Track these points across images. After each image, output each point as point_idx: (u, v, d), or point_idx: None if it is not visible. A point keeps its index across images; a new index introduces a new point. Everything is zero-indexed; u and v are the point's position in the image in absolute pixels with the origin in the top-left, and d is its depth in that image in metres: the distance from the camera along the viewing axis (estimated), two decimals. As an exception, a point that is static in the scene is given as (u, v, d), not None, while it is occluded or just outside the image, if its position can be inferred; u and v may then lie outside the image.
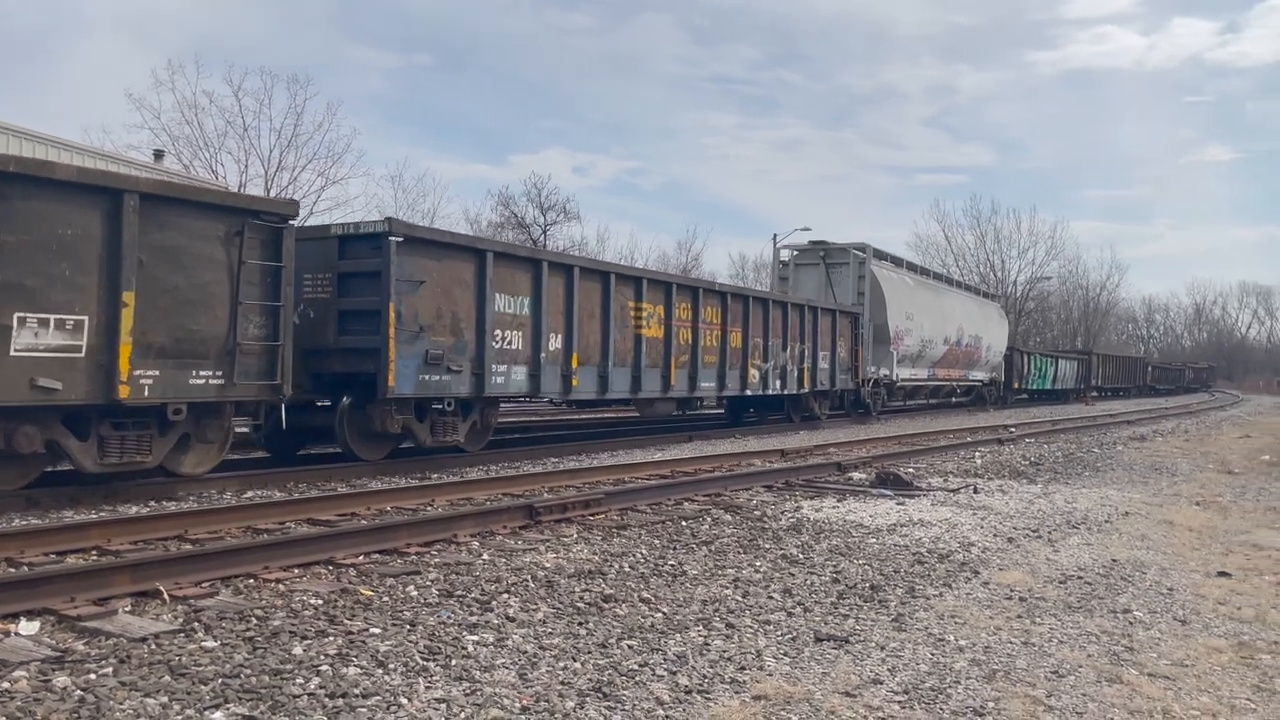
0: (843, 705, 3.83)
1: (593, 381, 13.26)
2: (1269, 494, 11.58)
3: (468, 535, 6.75)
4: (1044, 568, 6.68)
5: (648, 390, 14.44)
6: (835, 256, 24.85)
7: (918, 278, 28.64)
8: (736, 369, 16.95)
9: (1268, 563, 7.28)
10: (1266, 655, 4.92)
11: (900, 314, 24.82)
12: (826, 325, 20.74)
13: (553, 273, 12.48)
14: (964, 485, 10.88)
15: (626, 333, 13.91)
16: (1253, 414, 35.89)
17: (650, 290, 14.54)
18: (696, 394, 15.84)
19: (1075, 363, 45.67)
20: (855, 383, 22.28)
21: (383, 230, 10.27)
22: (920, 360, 26.73)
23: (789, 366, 18.95)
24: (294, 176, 36.75)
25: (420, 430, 10.92)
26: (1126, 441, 18.83)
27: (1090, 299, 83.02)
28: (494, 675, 3.96)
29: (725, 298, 16.81)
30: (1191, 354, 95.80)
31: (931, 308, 27.51)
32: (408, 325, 10.29)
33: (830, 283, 24.42)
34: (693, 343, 15.57)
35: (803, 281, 24.96)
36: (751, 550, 6.86)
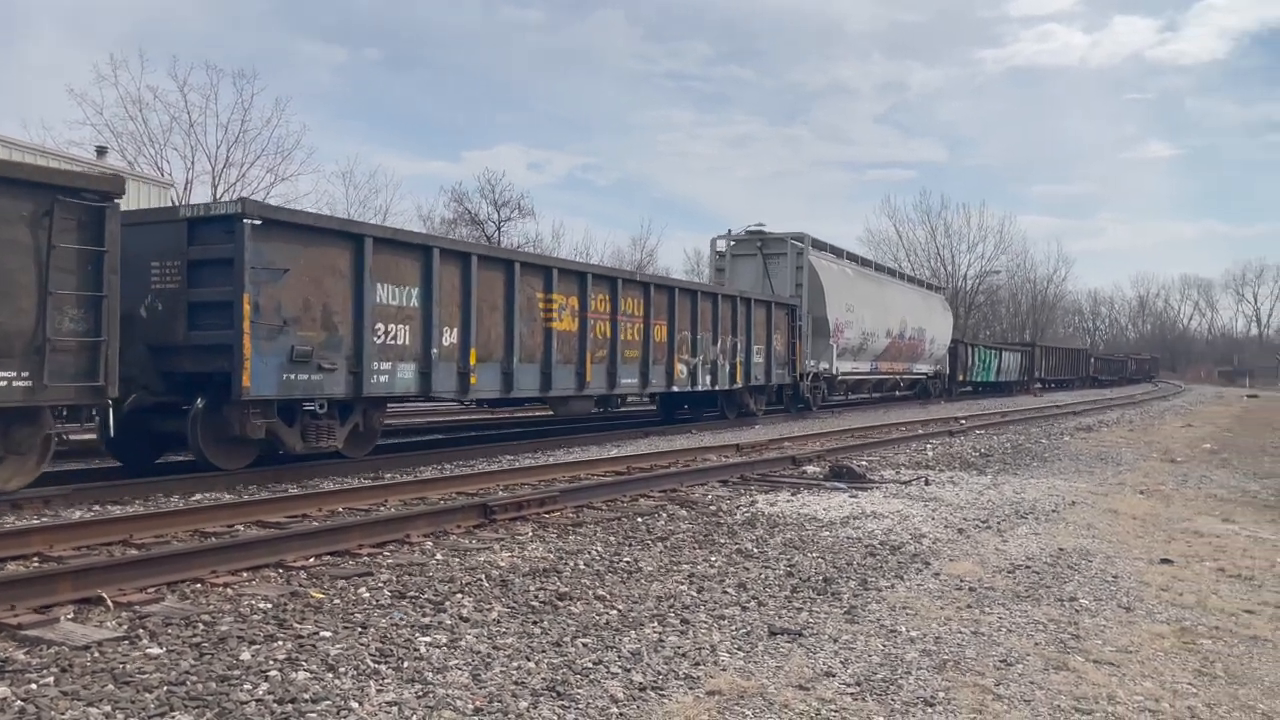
0: (796, 698, 3.86)
1: (495, 379, 12.24)
2: (1210, 482, 11.89)
3: (421, 535, 6.69)
4: (993, 558, 6.78)
5: (560, 388, 13.46)
6: (772, 247, 23.94)
7: (859, 269, 27.90)
8: (661, 364, 16.01)
9: (1208, 549, 7.47)
10: (1207, 640, 5.05)
11: (840, 306, 24.17)
12: (761, 318, 19.87)
13: (446, 261, 11.38)
14: (916, 477, 11.01)
15: (535, 326, 12.94)
16: (1194, 403, 36.81)
17: (562, 281, 13.50)
18: (617, 391, 14.97)
19: (1019, 355, 45.53)
20: (793, 377, 21.47)
21: (235, 212, 9.13)
22: (862, 354, 26.23)
23: (720, 361, 18.10)
24: (242, 173, 36.22)
25: (289, 435, 9.80)
26: (1073, 432, 19.21)
27: (1038, 292, 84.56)
28: (447, 677, 3.93)
29: (648, 289, 15.77)
30: (1136, 345, 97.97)
31: (873, 299, 26.92)
32: (268, 318, 9.20)
33: (768, 274, 23.59)
34: (611, 337, 14.57)
35: (740, 273, 24.13)
36: (707, 545, 6.88)
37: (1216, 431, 21.28)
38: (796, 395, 22.31)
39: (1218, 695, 4.23)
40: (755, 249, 24.08)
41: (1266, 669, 4.65)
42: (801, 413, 22.30)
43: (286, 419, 9.80)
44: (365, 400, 10.57)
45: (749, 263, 24.12)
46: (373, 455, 11.20)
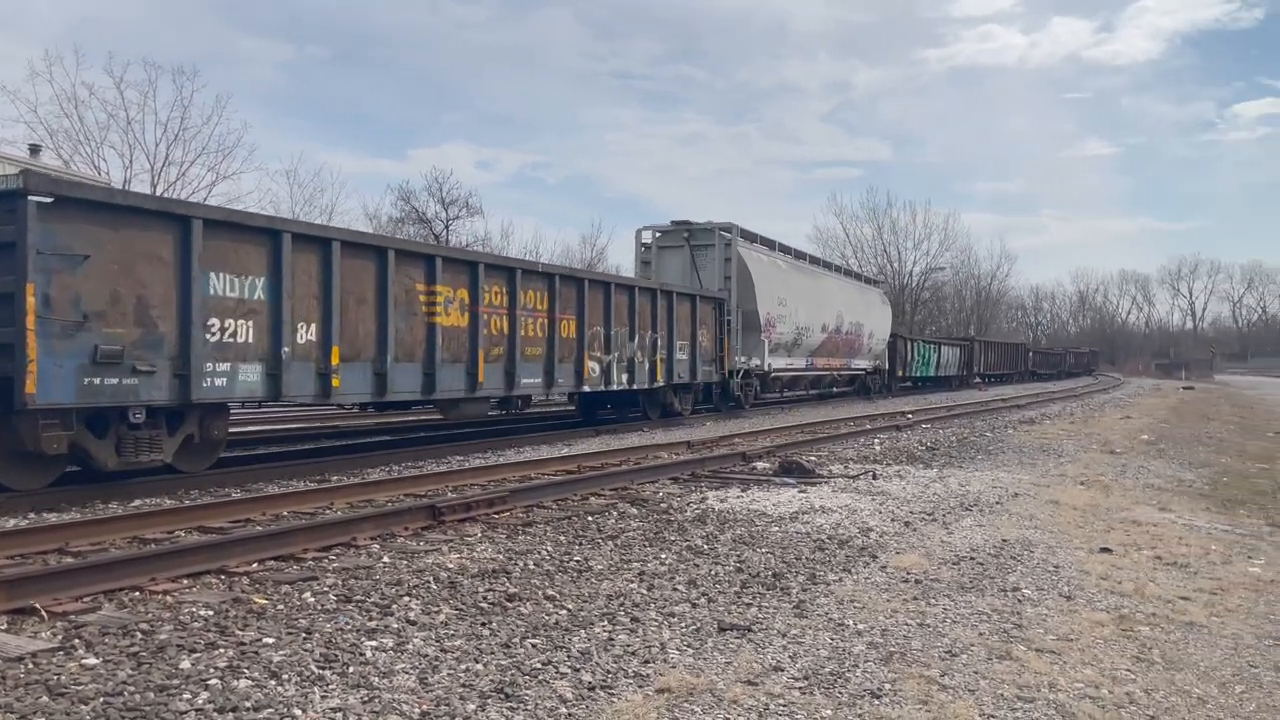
0: (744, 694, 3.87)
1: (364, 381, 10.91)
2: (1147, 472, 12.19)
3: (368, 538, 6.60)
4: (939, 550, 6.88)
5: (447, 389, 12.20)
6: (700, 238, 22.64)
7: (793, 261, 26.70)
8: (569, 363, 14.85)
9: (1146, 538, 7.66)
10: (1145, 627, 5.17)
11: (772, 299, 23.14)
12: (684, 312, 18.75)
13: (301, 248, 9.99)
14: (864, 471, 11.14)
15: (415, 321, 11.65)
16: (1133, 395, 37.73)
17: (448, 271, 12.23)
18: (517, 392, 13.72)
19: (958, 349, 45.23)
20: (721, 375, 20.52)
21: (17, 187, 7.72)
22: (797, 349, 25.32)
23: (638, 358, 16.89)
24: (182, 171, 35.45)
25: (99, 449, 8.47)
26: (1016, 425, 19.57)
27: (982, 288, 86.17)
28: (393, 681, 3.88)
29: (553, 280, 14.51)
30: (1076, 339, 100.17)
31: (808, 293, 26.03)
32: (62, 313, 7.88)
33: (696, 267, 22.34)
34: (509, 333, 13.37)
35: (666, 265, 22.81)
36: (657, 543, 6.89)
37: (1154, 423, 21.84)
38: (726, 393, 21.37)
39: (1155, 680, 4.33)
40: (682, 241, 22.81)
41: (1201, 654, 4.78)
42: (733, 411, 21.45)
43: (96, 430, 8.52)
44: (199, 407, 9.30)
45: (676, 255, 22.90)
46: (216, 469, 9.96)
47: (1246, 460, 14.56)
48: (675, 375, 18.38)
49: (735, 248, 22.28)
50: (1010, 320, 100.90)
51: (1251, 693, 4.28)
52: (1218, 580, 6.36)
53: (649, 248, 23.46)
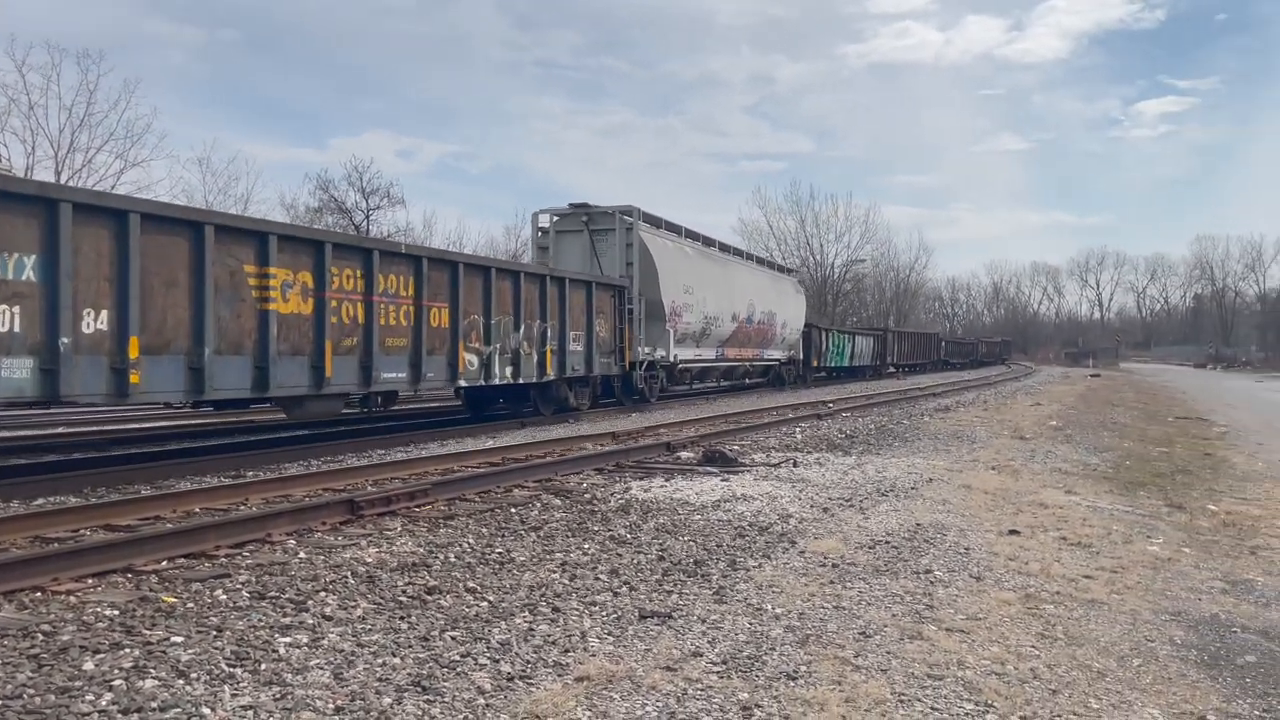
0: (663, 680, 3.91)
1: (175, 376, 9.44)
2: (1055, 456, 12.62)
3: (283, 534, 6.47)
4: (855, 534, 7.03)
5: (285, 384, 10.77)
6: (600, 221, 21.33)
7: (700, 248, 25.61)
8: (441, 355, 13.55)
9: (1052, 520, 7.93)
10: (1049, 605, 5.36)
11: (677, 287, 22.07)
12: (578, 300, 17.55)
13: (86, 221, 8.59)
14: (785, 459, 11.30)
15: (243, 308, 10.21)
16: (1044, 383, 38.99)
17: (286, 252, 10.76)
18: (376, 387, 12.38)
19: (872, 339, 45.23)
20: (621, 367, 19.37)
21: None
22: (706, 339, 24.41)
23: (524, 350, 15.63)
24: (89, 158, 34.12)
25: None
26: (932, 413, 20.07)
27: (901, 280, 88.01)
28: (307, 677, 3.81)
29: (420, 264, 13.11)
30: (991, 329, 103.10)
31: (717, 281, 25.01)
32: None
33: (596, 252, 21.12)
34: (365, 322, 12.00)
35: (565, 251, 21.53)
36: (580, 533, 6.90)
37: (1062, 410, 22.60)
38: (629, 386, 20.31)
39: (1058, 656, 4.50)
40: (581, 225, 21.48)
41: (1101, 630, 4.98)
42: (637, 405, 20.30)
43: None
44: None
45: (575, 240, 21.58)
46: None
47: (1148, 444, 15.18)
48: (569, 368, 17.26)
49: (637, 232, 21.09)
50: (928, 311, 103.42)
51: (1148, 665, 4.48)
52: (1118, 559, 6.63)
53: (546, 232, 22.08)
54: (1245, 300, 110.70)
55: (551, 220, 22.12)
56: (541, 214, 22.37)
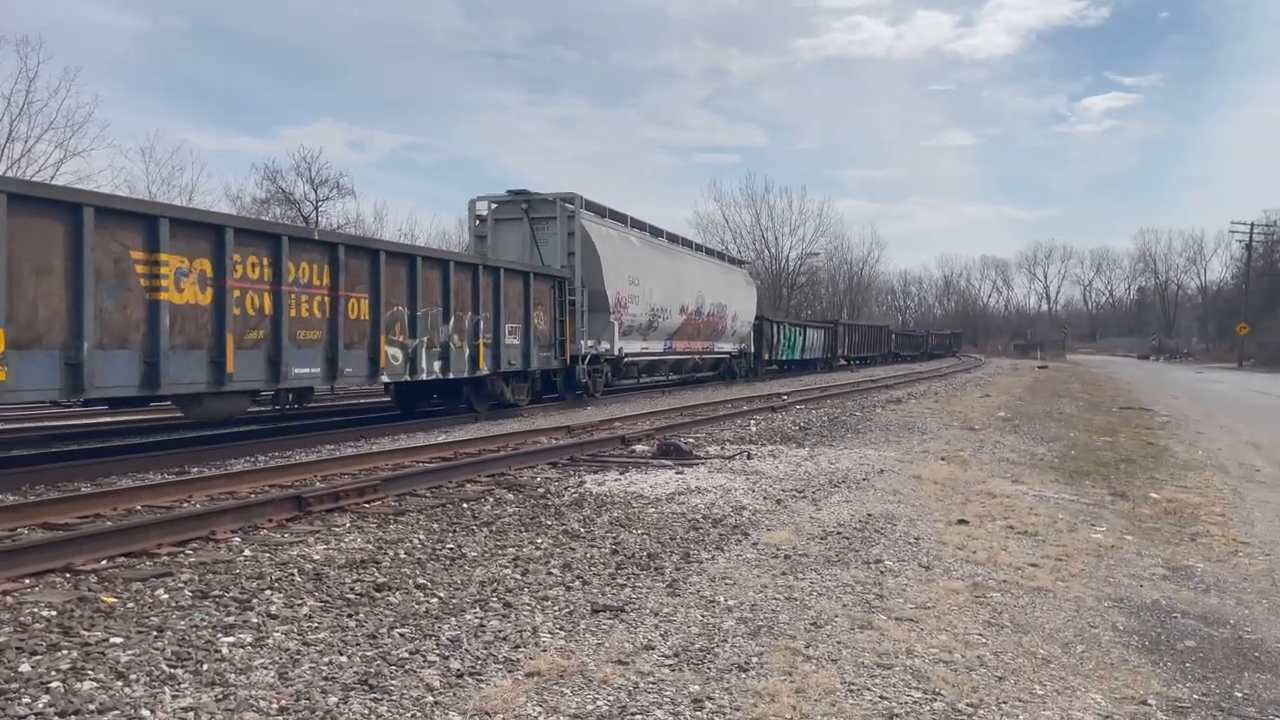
0: (615, 673, 3.89)
1: (49, 373, 8.65)
2: (1003, 447, 12.82)
3: (228, 531, 6.35)
4: (808, 526, 7.07)
5: (180, 381, 9.94)
6: (540, 209, 20.43)
7: (647, 238, 24.64)
8: (361, 349, 12.77)
9: (999, 509, 8.05)
10: (996, 593, 5.44)
11: (622, 278, 21.34)
12: (515, 291, 16.86)
13: None
14: (739, 452, 11.35)
15: (130, 298, 9.37)
16: (993, 375, 39.62)
17: (180, 238, 9.90)
18: (286, 384, 11.52)
19: (823, 332, 45.05)
20: (561, 361, 18.74)
21: None
22: (653, 332, 23.73)
23: (455, 343, 14.88)
24: (28, 148, 33.12)
25: None
26: (884, 404, 20.28)
27: (854, 273, 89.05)
28: (250, 677, 3.74)
29: (337, 251, 12.25)
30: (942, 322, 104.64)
31: (664, 272, 24.27)
32: None
33: (536, 242, 20.21)
34: (274, 313, 11.16)
35: (505, 240, 20.59)
36: (533, 528, 6.85)
37: (1010, 401, 22.98)
38: (572, 381, 19.66)
39: (1004, 643, 4.56)
40: (521, 213, 20.49)
41: (1047, 617, 5.06)
42: (580, 400, 19.76)
43: None
44: None
45: (514, 229, 20.59)
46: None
47: (1093, 434, 15.48)
48: (505, 362, 16.49)
49: (579, 220, 20.18)
50: (881, 304, 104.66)
51: (1091, 651, 4.55)
52: (1064, 547, 6.74)
53: (484, 220, 21.05)
54: (1187, 293, 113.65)
55: (490, 208, 21.08)
56: (479, 201, 21.21)
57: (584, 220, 20.40)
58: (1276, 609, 5.54)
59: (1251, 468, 12.00)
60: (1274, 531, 7.87)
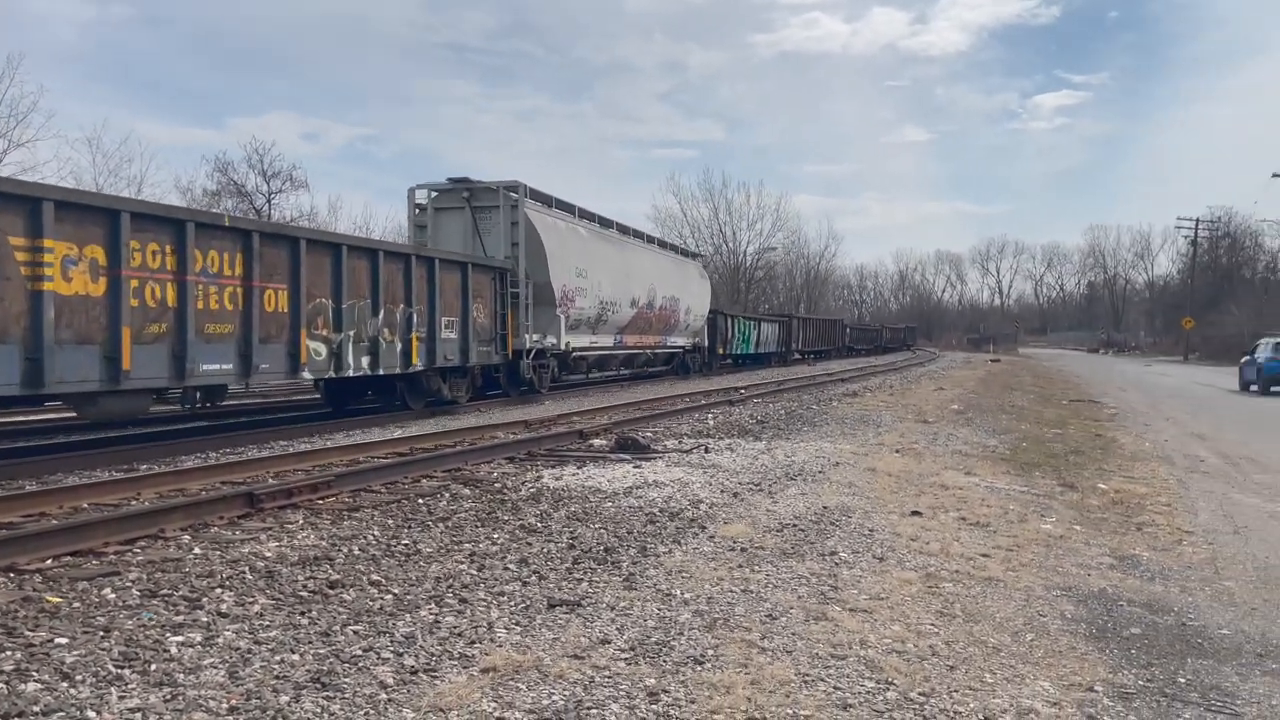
0: (571, 668, 3.89)
1: None
2: (956, 439, 13.00)
3: (178, 529, 6.23)
4: (764, 518, 7.11)
5: (69, 379, 9.18)
6: (482, 198, 19.56)
7: (595, 229, 23.83)
8: (280, 343, 12.04)
9: (952, 500, 8.17)
10: (949, 584, 5.51)
11: (568, 270, 20.68)
12: (452, 283, 16.17)
13: None
14: (697, 446, 11.39)
15: (8, 288, 8.68)
16: (946, 368, 40.16)
17: (67, 222, 9.14)
18: (193, 381, 10.78)
19: (777, 326, 44.66)
20: (504, 355, 18.13)
21: None
22: (602, 325, 23.03)
23: (385, 338, 14.17)
24: (-34, 138, 32.18)
25: None
26: (841, 398, 20.47)
27: (811, 268, 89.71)
28: (200, 677, 3.68)
29: (250, 239, 11.46)
30: (898, 316, 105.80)
31: (613, 264, 23.62)
32: None
33: (479, 232, 19.41)
34: (179, 305, 10.38)
35: (445, 230, 19.69)
36: (490, 523, 6.82)
37: (963, 394, 23.31)
38: (516, 377, 18.99)
39: (956, 633, 4.63)
40: (462, 202, 19.62)
41: (997, 606, 5.14)
42: (525, 396, 19.08)
43: None
44: None
45: (456, 219, 19.69)
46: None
47: (1043, 426, 15.76)
48: (441, 357, 15.77)
49: (523, 210, 19.38)
50: (838, 298, 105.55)
51: (1040, 640, 4.64)
52: (1014, 538, 6.86)
53: (424, 209, 20.05)
54: (1135, 288, 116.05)
55: (430, 196, 20.08)
56: (419, 189, 20.20)
57: (528, 210, 19.66)
58: (1218, 596, 5.69)
59: (1196, 458, 12.30)
60: (1217, 521, 8.08)
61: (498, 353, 17.90)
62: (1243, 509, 8.67)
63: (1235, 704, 3.95)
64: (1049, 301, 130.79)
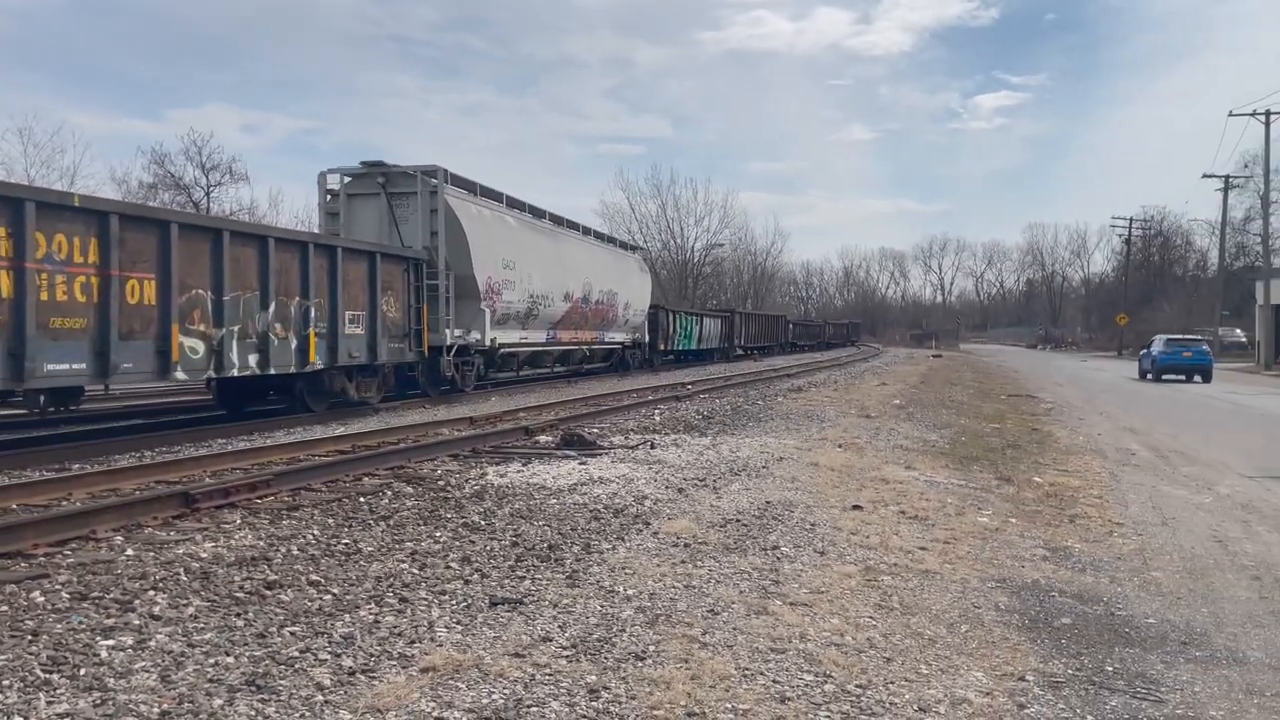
0: (511, 666, 3.88)
1: None
2: (897, 434, 13.21)
3: (110, 530, 6.09)
4: (708, 514, 7.16)
5: None
6: (399, 184, 18.28)
7: (526, 219, 22.82)
8: (146, 339, 10.84)
9: (892, 495, 8.30)
10: (887, 577, 5.61)
11: (494, 261, 19.63)
12: (358, 274, 14.99)
13: None
14: (642, 441, 11.41)
15: None
16: (889, 364, 40.73)
17: None
18: (36, 383, 9.54)
19: (719, 321, 43.78)
20: (419, 352, 16.96)
21: None
22: (533, 320, 22.11)
23: (276, 334, 13.02)
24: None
25: None
26: (786, 393, 20.66)
27: (758, 264, 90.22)
28: (131, 681, 3.60)
29: (108, 222, 10.22)
30: (842, 312, 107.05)
31: (545, 256, 22.65)
32: None
33: (395, 221, 18.12)
34: (15, 296, 9.20)
35: (360, 218, 18.34)
36: (432, 521, 6.77)
37: (905, 389, 23.67)
38: (435, 375, 17.87)
39: (893, 625, 4.71)
40: (378, 187, 18.26)
41: (934, 598, 5.24)
42: (446, 396, 18.03)
43: None
44: None
45: (371, 205, 18.33)
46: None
47: (982, 421, 16.08)
48: (345, 354, 14.59)
49: (443, 196, 18.18)
50: (784, 294, 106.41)
51: (975, 631, 4.74)
52: (951, 531, 6.99)
53: (336, 195, 18.65)
54: (1072, 285, 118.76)
55: (342, 181, 18.67)
56: (330, 174, 18.78)
57: (449, 196, 18.44)
58: (1146, 586, 5.86)
59: (1128, 452, 12.65)
60: (1146, 513, 8.32)
61: (412, 349, 16.68)
62: (1171, 501, 8.94)
63: (1160, 691, 4.08)
64: (989, 298, 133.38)
